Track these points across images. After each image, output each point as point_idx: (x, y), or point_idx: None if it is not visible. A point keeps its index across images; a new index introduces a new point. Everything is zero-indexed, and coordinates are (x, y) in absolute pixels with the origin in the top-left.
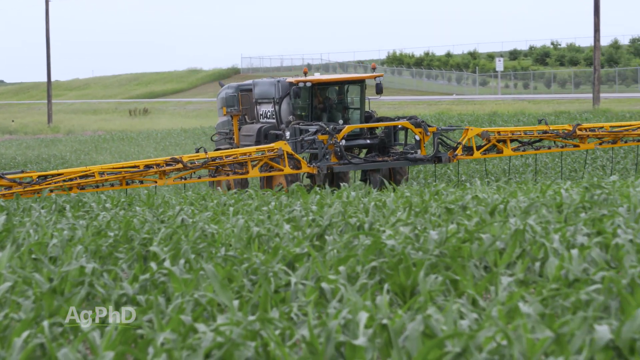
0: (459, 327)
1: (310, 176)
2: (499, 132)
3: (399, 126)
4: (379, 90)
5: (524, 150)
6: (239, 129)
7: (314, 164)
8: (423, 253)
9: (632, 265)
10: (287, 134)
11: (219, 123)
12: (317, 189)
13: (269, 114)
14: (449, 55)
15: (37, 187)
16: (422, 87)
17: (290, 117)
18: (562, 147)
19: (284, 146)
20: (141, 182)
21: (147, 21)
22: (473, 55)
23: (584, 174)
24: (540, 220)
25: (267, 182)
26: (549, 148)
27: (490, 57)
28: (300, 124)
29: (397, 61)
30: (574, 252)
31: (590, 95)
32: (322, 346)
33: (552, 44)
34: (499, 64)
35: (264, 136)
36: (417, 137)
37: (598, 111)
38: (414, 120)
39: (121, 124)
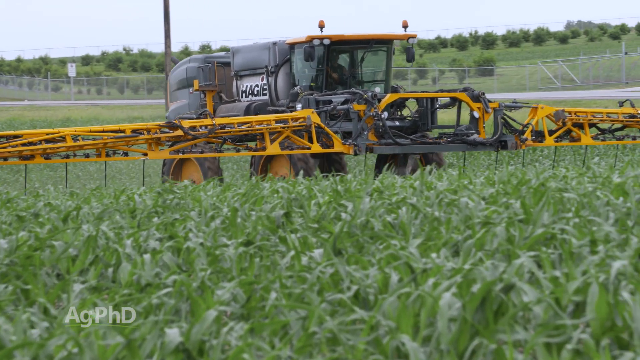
0: (29, 336)
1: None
2: (575, 113)
3: (438, 104)
4: (411, 57)
5: (603, 140)
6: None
7: (349, 142)
8: None
9: (203, 269)
10: (299, 107)
11: (172, 109)
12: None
13: (256, 89)
14: (19, 60)
15: None
16: None
17: (297, 88)
18: None
19: (312, 115)
20: (126, 153)
21: None
22: (45, 60)
23: None
24: (114, 226)
25: (264, 165)
26: (634, 138)
27: (63, 62)
28: (315, 95)
29: None
30: (147, 256)
31: (164, 100)
32: None
33: (125, 49)
34: (71, 70)
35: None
36: (477, 115)
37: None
38: (471, 92)
39: None
